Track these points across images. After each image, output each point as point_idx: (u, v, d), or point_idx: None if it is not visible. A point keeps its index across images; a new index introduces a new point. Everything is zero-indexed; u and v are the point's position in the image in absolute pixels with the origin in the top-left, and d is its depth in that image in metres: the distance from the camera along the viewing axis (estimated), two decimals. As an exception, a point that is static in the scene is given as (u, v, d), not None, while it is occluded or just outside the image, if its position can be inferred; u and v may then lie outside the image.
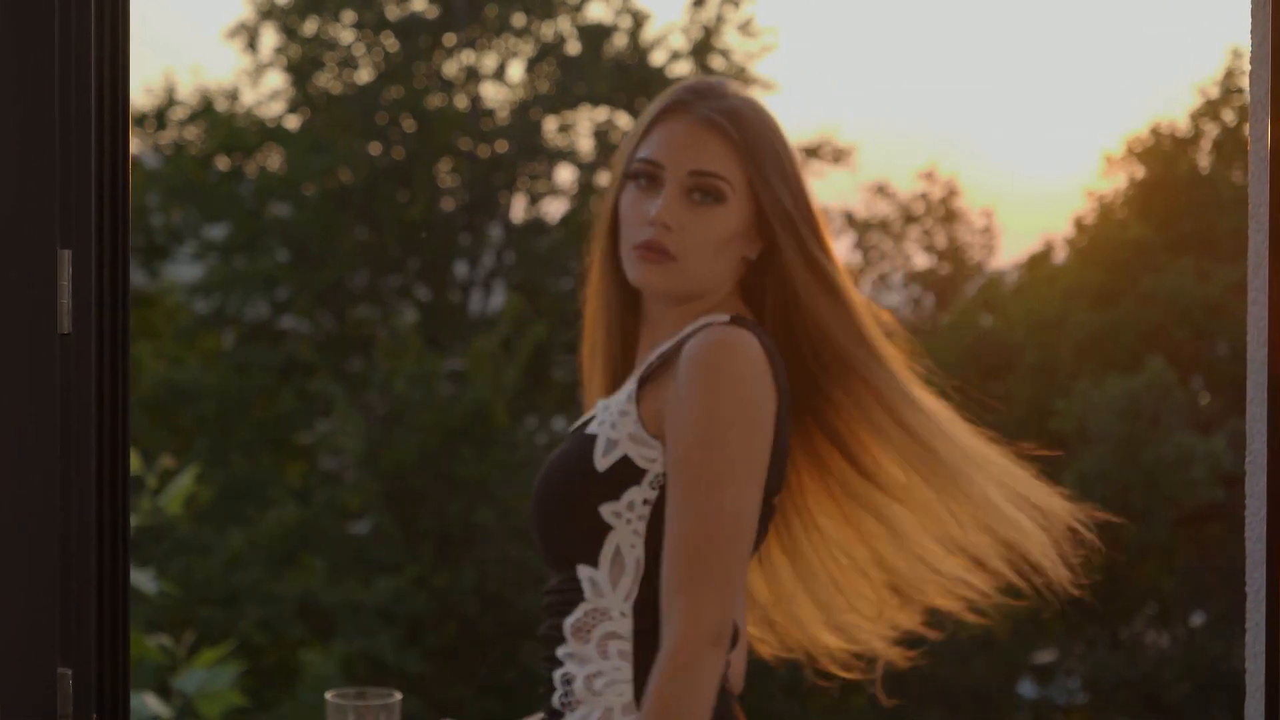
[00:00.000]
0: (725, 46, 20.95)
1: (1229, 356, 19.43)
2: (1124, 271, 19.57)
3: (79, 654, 1.80)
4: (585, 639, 2.16)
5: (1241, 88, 20.28)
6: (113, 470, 1.86)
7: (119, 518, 1.83)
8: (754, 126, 2.17)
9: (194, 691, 5.18)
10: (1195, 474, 17.52)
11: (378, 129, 20.42)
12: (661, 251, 2.13)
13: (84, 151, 1.85)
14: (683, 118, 2.16)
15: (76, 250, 1.86)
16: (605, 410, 2.18)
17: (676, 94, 2.19)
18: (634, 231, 2.15)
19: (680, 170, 2.14)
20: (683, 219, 2.13)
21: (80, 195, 1.85)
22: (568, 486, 2.16)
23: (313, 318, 20.48)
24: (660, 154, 2.15)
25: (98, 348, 1.87)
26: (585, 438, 2.17)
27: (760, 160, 2.14)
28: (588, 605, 2.16)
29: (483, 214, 20.77)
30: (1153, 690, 18.45)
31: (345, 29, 20.60)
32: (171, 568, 16.62)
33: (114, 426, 1.88)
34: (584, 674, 2.16)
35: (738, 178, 2.14)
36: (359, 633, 16.96)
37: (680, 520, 2.07)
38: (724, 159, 2.14)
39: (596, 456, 2.13)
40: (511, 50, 20.65)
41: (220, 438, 19.00)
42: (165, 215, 20.53)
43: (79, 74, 1.86)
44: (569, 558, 2.18)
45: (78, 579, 1.80)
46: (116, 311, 1.91)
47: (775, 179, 2.15)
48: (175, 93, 20.97)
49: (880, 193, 23.60)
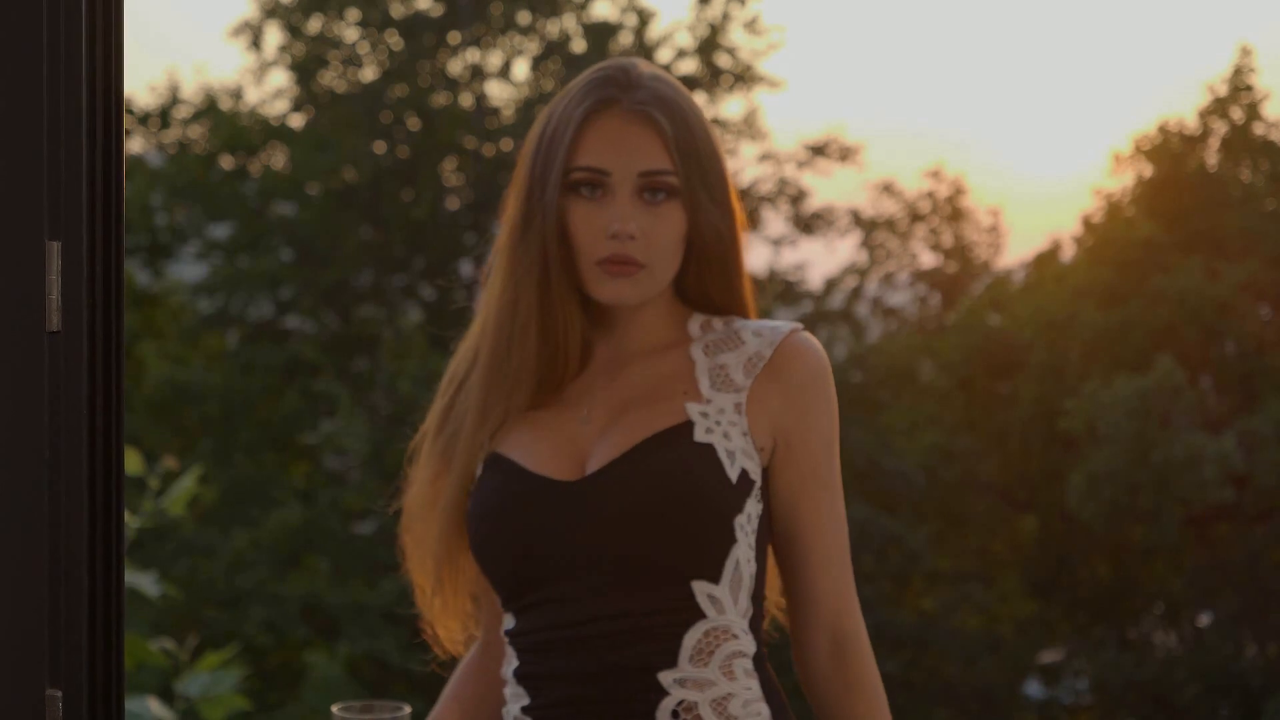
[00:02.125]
0: (731, 44, 20.94)
1: (1238, 355, 19.38)
2: (1132, 270, 19.54)
3: (69, 674, 1.67)
4: (705, 661, 2.05)
5: (1250, 85, 20.21)
6: (106, 477, 1.72)
7: (113, 528, 1.69)
8: (679, 109, 2.11)
9: (197, 696, 5.12)
10: (1205, 474, 17.47)
11: (382, 128, 20.43)
12: (629, 263, 2.07)
13: (74, 136, 1.72)
14: (614, 115, 2.09)
15: (66, 242, 1.74)
16: (710, 418, 2.09)
17: (598, 89, 2.11)
18: (593, 247, 2.07)
19: (629, 174, 2.08)
20: (643, 223, 2.07)
21: (70, 183, 1.72)
22: (702, 499, 2.03)
23: (317, 317, 20.50)
24: (604, 160, 2.08)
25: (89, 346, 1.74)
26: (699, 446, 2.06)
27: (688, 149, 2.09)
28: (708, 624, 2.05)
29: (488, 213, 20.76)
30: (1162, 691, 18.41)
31: (350, 27, 20.62)
32: (175, 569, 16.61)
33: (107, 431, 1.75)
34: (709, 699, 2.04)
35: (677, 167, 2.09)
36: (364, 634, 16.95)
37: (835, 531, 2.12)
38: (664, 153, 2.08)
39: (726, 467, 2.06)
40: (516, 48, 20.66)
41: (224, 438, 19.01)
42: (169, 214, 20.55)
43: (68, 55, 1.74)
44: (683, 574, 2.04)
45: (68, 594, 1.67)
46: (110, 308, 1.78)
47: (706, 172, 2.11)
48: (179, 91, 21.00)
49: (887, 191, 23.60)
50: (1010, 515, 20.49)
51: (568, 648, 2.05)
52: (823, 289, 22.47)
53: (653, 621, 2.04)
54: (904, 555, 19.25)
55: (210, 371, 19.27)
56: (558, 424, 2.12)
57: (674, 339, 2.17)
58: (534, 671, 2.09)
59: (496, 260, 2.16)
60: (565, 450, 2.10)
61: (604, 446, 2.09)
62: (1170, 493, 17.75)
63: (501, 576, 2.09)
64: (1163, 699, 18.49)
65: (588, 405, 2.14)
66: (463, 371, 2.23)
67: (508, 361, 2.13)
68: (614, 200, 2.08)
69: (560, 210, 2.09)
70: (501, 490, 2.09)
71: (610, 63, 2.15)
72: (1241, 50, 20.31)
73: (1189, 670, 18.47)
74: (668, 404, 2.11)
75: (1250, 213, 19.58)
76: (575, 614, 2.04)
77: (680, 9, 24.43)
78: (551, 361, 2.13)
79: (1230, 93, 20.25)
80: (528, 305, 2.12)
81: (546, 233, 2.10)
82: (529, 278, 2.11)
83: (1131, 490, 17.84)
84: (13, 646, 1.68)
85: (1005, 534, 20.64)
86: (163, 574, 12.61)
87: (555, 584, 2.05)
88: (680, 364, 2.15)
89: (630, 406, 2.12)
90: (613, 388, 2.14)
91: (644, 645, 2.04)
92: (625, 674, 2.03)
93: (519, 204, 2.14)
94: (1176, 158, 20.24)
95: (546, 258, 2.10)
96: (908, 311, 23.88)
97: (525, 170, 2.15)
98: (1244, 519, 18.72)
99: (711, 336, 2.16)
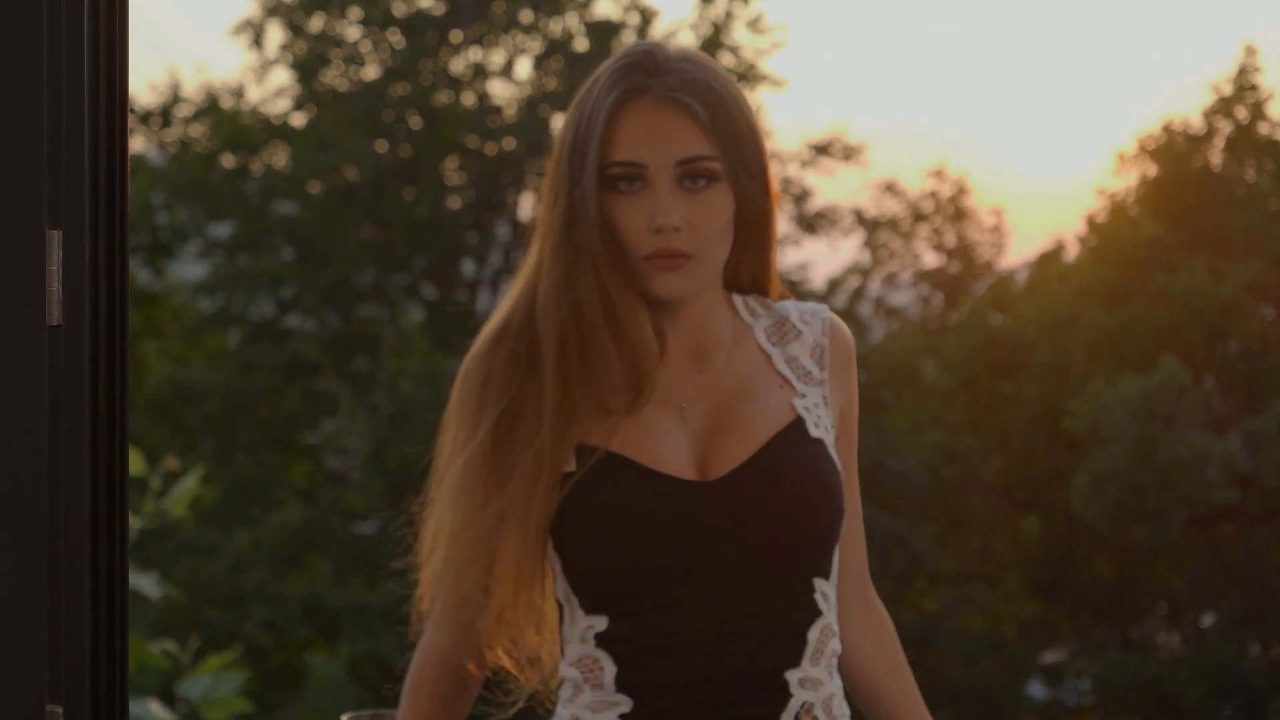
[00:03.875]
0: (735, 43, 20.92)
1: (1242, 355, 19.35)
2: (1136, 270, 19.51)
3: (71, 689, 1.58)
4: (818, 660, 2.05)
5: (1255, 85, 20.17)
6: (109, 480, 1.63)
7: (116, 534, 1.60)
8: (712, 90, 2.06)
9: (199, 698, 5.09)
10: (1209, 474, 17.44)
11: (384, 126, 20.43)
12: (676, 255, 2.03)
13: (76, 122, 1.64)
14: (645, 104, 2.04)
15: (68, 231, 1.64)
16: (812, 413, 2.11)
17: (626, 77, 2.05)
18: (639, 243, 2.03)
19: (665, 164, 2.02)
20: (685, 213, 2.03)
21: (72, 169, 1.63)
22: (829, 496, 2.06)
23: (318, 317, 20.51)
24: (639, 153, 2.02)
25: (92, 341, 1.64)
26: (815, 443, 2.08)
27: (725, 129, 2.05)
28: (823, 621, 2.06)
29: (490, 212, 20.78)
30: (1165, 692, 18.39)
31: (351, 25, 20.62)
32: (176, 569, 16.61)
33: (110, 431, 1.66)
34: (821, 699, 2.04)
35: (716, 150, 2.05)
36: (365, 635, 16.94)
37: (857, 499, 2.19)
38: (701, 137, 2.03)
39: (835, 461, 2.09)
40: (519, 47, 20.65)
41: (225, 437, 19.02)
42: (170, 213, 20.56)
43: (70, 41, 1.66)
44: (809, 572, 2.05)
45: (69, 605, 1.59)
46: (114, 300, 1.68)
47: (744, 150, 2.07)
48: (180, 90, 21.01)
49: (890, 191, 23.58)
50: (1013, 515, 20.46)
51: (689, 652, 2.00)
52: (826, 289, 22.44)
53: (781, 621, 2.03)
54: (906, 555, 19.22)
55: (211, 371, 19.28)
56: (657, 421, 2.06)
57: (736, 326, 2.15)
58: (640, 678, 2.02)
59: (544, 267, 2.08)
60: (680, 449, 2.05)
61: (726, 446, 2.04)
62: (1174, 493, 17.72)
63: (619, 578, 2.02)
64: (1166, 700, 18.46)
65: (684, 401, 2.08)
66: (507, 382, 2.10)
67: (584, 368, 2.06)
68: (654, 192, 2.03)
69: (601, 207, 2.04)
70: (630, 489, 2.01)
71: (636, 47, 2.08)
72: (1246, 50, 20.28)
73: (1192, 671, 18.45)
74: (771, 400, 2.10)
75: (1255, 212, 19.55)
76: (703, 617, 2.00)
77: (683, 8, 24.50)
78: (632, 360, 2.07)
79: (1235, 92, 20.21)
80: (591, 312, 2.05)
81: (591, 234, 2.04)
82: (585, 284, 2.05)
83: (1135, 491, 17.80)
84: (11, 661, 1.59)
85: (1008, 534, 20.62)
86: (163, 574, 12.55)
87: (681, 586, 2.00)
88: (757, 355, 2.14)
89: (731, 402, 2.08)
90: (700, 381, 2.10)
91: (774, 646, 2.02)
92: (756, 676, 2.01)
93: (559, 205, 2.07)
94: (1181, 157, 20.21)
95: (596, 261, 2.04)
96: (910, 311, 23.87)
97: (560, 168, 2.07)
98: (1248, 519, 18.70)
99: (764, 323, 2.17)
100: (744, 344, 2.14)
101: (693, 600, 2.00)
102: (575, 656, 2.05)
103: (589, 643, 2.04)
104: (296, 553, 17.81)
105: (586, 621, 2.04)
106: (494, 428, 2.06)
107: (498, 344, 2.09)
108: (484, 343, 2.10)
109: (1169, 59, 32.21)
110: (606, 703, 2.03)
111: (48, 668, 1.57)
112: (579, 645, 2.05)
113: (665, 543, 1.99)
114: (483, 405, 2.07)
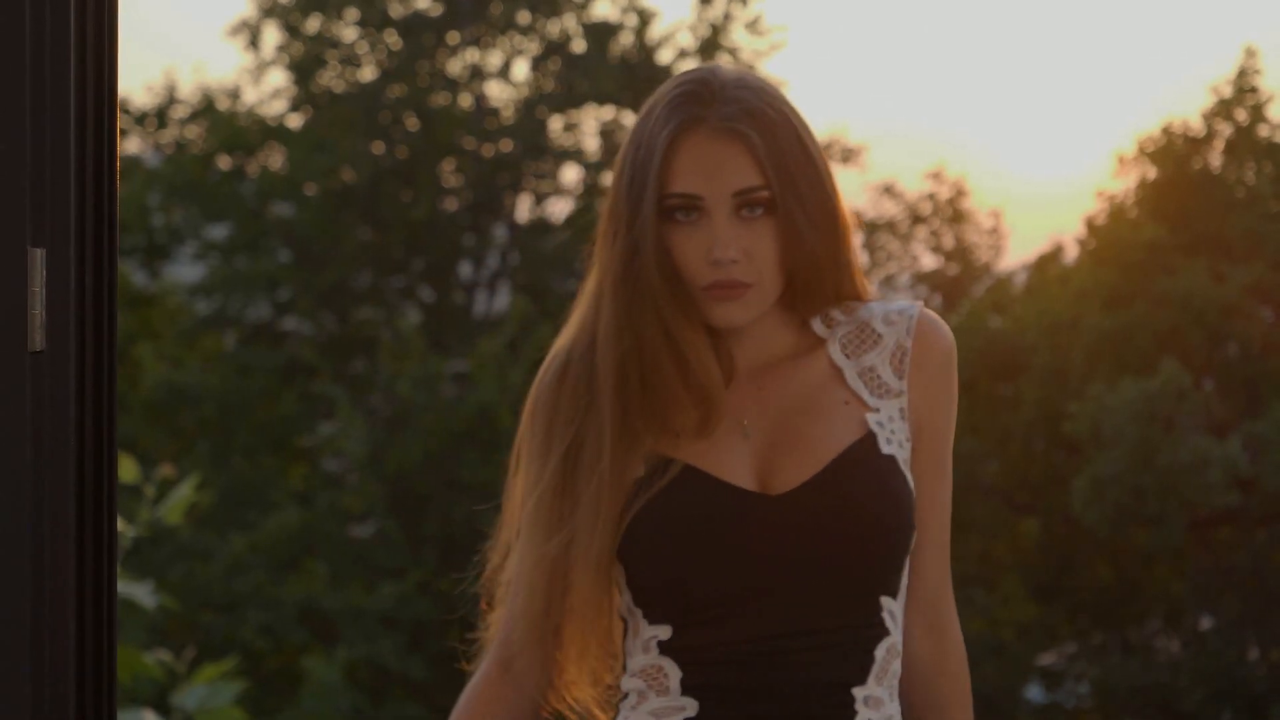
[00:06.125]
0: (733, 44, 20.89)
1: (1243, 359, 19.32)
2: (1136, 273, 19.47)
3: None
4: (882, 679, 2.06)
5: (1255, 87, 20.13)
6: (95, 517, 1.52)
7: (104, 568, 1.50)
8: (767, 118, 2.06)
9: (194, 708, 5.05)
10: (1210, 478, 17.39)
11: (381, 128, 20.43)
12: (735, 286, 2.05)
13: (62, 131, 1.54)
14: (701, 135, 2.05)
15: (52, 249, 1.54)
16: (885, 428, 2.10)
17: (683, 109, 2.06)
18: (698, 273, 2.05)
19: (723, 195, 2.04)
20: (744, 243, 2.04)
21: (57, 182, 1.53)
22: (899, 514, 2.06)
23: (315, 319, 20.50)
24: (696, 184, 2.04)
25: (78, 368, 1.54)
26: (887, 459, 2.08)
27: (779, 160, 2.05)
28: (889, 640, 2.06)
29: (487, 214, 20.77)
30: (1165, 696, 18.36)
31: (348, 27, 20.61)
32: (171, 574, 16.57)
33: (97, 464, 1.55)
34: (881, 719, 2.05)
35: (772, 179, 2.05)
36: (362, 639, 16.93)
37: (943, 514, 2.14)
38: (757, 168, 2.05)
39: (908, 479, 2.08)
40: (516, 48, 20.63)
41: (221, 440, 19.00)
42: (166, 215, 20.54)
43: (55, 49, 1.56)
44: (876, 589, 2.06)
45: (53, 646, 1.49)
46: (101, 324, 1.59)
47: (797, 177, 2.07)
48: (176, 91, 20.99)
49: (888, 193, 23.54)
50: (1012, 518, 20.42)
51: (753, 662, 2.02)
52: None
53: (848, 637, 2.04)
54: (906, 559, 19.20)
55: (207, 373, 19.27)
56: (719, 438, 2.08)
57: (802, 341, 2.15)
58: (706, 682, 2.04)
59: (604, 302, 2.10)
60: (742, 463, 2.07)
61: (788, 463, 2.06)
62: (1175, 496, 17.67)
63: (687, 588, 2.03)
64: (1166, 703, 18.43)
65: (744, 418, 2.09)
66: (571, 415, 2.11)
67: (646, 396, 2.07)
68: (711, 223, 2.04)
69: (660, 238, 2.05)
70: (702, 501, 2.04)
71: (692, 76, 2.09)
72: (1246, 52, 20.22)
73: (1192, 675, 18.42)
74: (838, 416, 2.10)
75: (1255, 215, 19.50)
76: (769, 629, 2.02)
77: (682, 9, 24.43)
78: (699, 393, 2.08)
79: (1235, 94, 20.16)
80: (654, 347, 2.07)
81: (650, 268, 2.06)
82: (647, 321, 2.07)
83: (1135, 494, 17.75)
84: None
85: (1007, 537, 20.58)
86: (158, 579, 12.48)
87: (747, 599, 2.03)
88: (825, 369, 2.13)
89: (792, 416, 2.10)
90: (762, 397, 2.11)
91: (841, 661, 2.03)
92: (822, 689, 2.02)
93: (619, 239, 2.08)
94: (1180, 159, 20.15)
95: (657, 296, 2.06)
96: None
97: (619, 201, 2.09)
98: (1248, 523, 18.67)
99: (841, 332, 2.15)
100: (813, 359, 2.14)
101: (758, 612, 2.02)
102: (639, 666, 2.07)
103: (653, 651, 2.06)
104: (293, 556, 17.79)
105: (650, 631, 2.06)
106: (561, 462, 2.08)
107: (561, 377, 2.12)
108: (548, 375, 2.13)
109: (1169, 61, 32.20)
110: (672, 708, 2.05)
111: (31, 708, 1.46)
112: (642, 655, 2.06)
113: (733, 553, 2.02)
114: (549, 441, 2.11)
